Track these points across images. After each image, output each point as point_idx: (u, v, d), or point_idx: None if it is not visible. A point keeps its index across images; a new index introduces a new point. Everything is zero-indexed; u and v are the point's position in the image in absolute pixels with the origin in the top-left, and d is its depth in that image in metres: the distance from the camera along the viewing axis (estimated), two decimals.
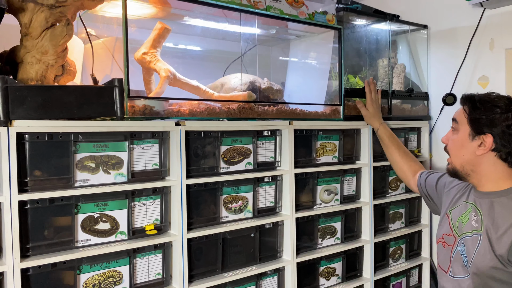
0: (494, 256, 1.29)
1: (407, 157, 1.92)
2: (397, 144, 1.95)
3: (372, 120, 2.01)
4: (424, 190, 1.75)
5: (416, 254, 2.43)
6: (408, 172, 1.88)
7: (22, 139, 1.26)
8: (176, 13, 1.78)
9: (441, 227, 1.54)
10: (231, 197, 1.69)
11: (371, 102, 2.01)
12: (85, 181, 1.37)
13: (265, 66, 2.19)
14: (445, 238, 1.49)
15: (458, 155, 1.42)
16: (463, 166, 1.41)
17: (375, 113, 2.01)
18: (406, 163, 1.90)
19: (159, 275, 1.53)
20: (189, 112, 1.59)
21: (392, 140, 1.95)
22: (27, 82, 1.31)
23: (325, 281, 1.99)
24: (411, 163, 1.90)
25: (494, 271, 1.29)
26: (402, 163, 1.91)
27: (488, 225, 1.34)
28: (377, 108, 2.02)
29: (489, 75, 2.21)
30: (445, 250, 1.48)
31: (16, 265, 1.22)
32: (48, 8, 1.31)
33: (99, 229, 1.40)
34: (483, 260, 1.31)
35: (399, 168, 1.93)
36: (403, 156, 1.92)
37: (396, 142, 1.96)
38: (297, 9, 1.84)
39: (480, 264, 1.32)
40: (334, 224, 2.02)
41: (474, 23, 2.23)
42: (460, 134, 1.41)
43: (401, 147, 1.96)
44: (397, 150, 1.93)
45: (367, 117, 2.02)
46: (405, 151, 1.95)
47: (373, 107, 2.01)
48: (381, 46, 2.33)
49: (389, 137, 1.96)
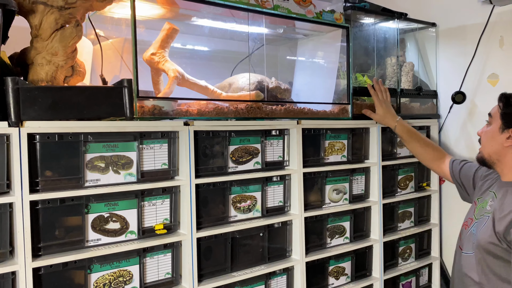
0: (494, 233, 1.47)
1: (428, 147, 1.99)
2: (417, 137, 2.01)
3: (386, 121, 2.02)
4: (457, 178, 1.86)
5: (425, 254, 2.42)
6: (434, 160, 1.97)
7: (33, 139, 1.27)
8: (184, 13, 1.79)
9: (468, 212, 1.70)
10: (239, 196, 1.69)
11: (380, 104, 2.01)
12: (95, 181, 1.38)
13: (272, 66, 2.19)
14: (468, 221, 1.67)
15: (487, 145, 1.58)
16: (490, 156, 1.58)
17: (387, 113, 2.01)
18: (430, 153, 1.98)
19: (169, 275, 1.54)
20: (198, 112, 1.59)
21: (411, 134, 2.00)
22: (38, 83, 1.33)
23: (334, 280, 1.99)
24: (434, 152, 1.98)
25: (491, 246, 1.48)
26: (426, 154, 1.98)
27: (496, 208, 1.51)
28: (388, 108, 2.02)
29: (499, 73, 2.19)
30: (465, 231, 1.65)
31: (28, 265, 1.23)
32: (57, 9, 1.32)
33: (109, 229, 1.41)
34: (484, 236, 1.50)
35: (424, 159, 2.01)
36: (425, 147, 1.99)
37: (416, 135, 2.01)
38: (305, 8, 1.84)
39: (482, 239, 1.51)
40: (343, 224, 2.01)
41: (483, 20, 2.21)
42: (492, 127, 1.58)
43: (421, 138, 2.01)
44: (418, 142, 1.99)
45: (380, 120, 2.03)
46: (426, 142, 2.02)
47: (382, 108, 2.01)
48: (389, 44, 2.32)
49: (408, 132, 2.00)
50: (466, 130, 2.35)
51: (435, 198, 2.43)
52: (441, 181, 2.46)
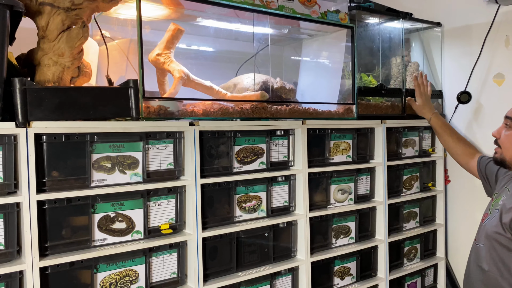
0: (500, 223, 1.54)
1: (460, 142, 2.05)
2: (450, 132, 2.07)
3: (423, 112, 2.14)
4: (483, 173, 1.91)
5: (431, 254, 2.41)
6: (463, 156, 2.02)
7: (40, 140, 1.28)
8: (189, 14, 1.80)
9: (486, 207, 1.74)
10: (244, 196, 1.69)
11: (420, 95, 2.14)
12: (102, 181, 1.39)
13: (277, 66, 2.20)
14: (484, 216, 1.70)
15: (510, 149, 1.60)
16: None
17: (425, 105, 2.13)
18: (460, 148, 2.03)
19: (175, 274, 1.54)
20: (203, 112, 1.60)
21: (444, 128, 2.08)
22: (44, 84, 1.33)
23: (340, 280, 1.98)
24: (465, 147, 2.03)
25: (497, 235, 1.54)
26: (457, 148, 2.04)
27: (505, 201, 1.57)
28: (427, 100, 2.14)
29: (504, 73, 2.18)
30: (481, 224, 1.69)
31: (35, 264, 1.24)
32: (64, 11, 1.33)
33: (115, 229, 1.42)
34: (491, 226, 1.57)
35: (454, 153, 2.06)
36: (457, 142, 2.05)
37: (449, 129, 2.08)
38: (310, 8, 1.84)
39: (489, 229, 1.58)
40: (348, 224, 2.01)
41: (488, 20, 2.20)
42: None
43: (454, 133, 2.08)
44: (450, 137, 2.06)
45: (417, 109, 2.15)
46: (459, 137, 2.08)
47: (421, 99, 2.14)
48: (394, 44, 2.32)
49: (441, 126, 2.08)
50: (471, 130, 2.34)
51: (441, 198, 2.42)
52: (446, 181, 2.45)
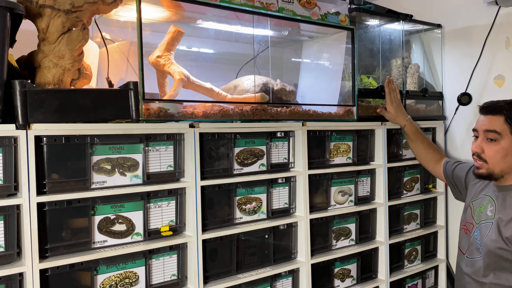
0: (501, 238, 1.50)
1: (430, 149, 2.04)
2: (422, 138, 2.05)
3: (397, 120, 2.06)
4: (450, 178, 1.91)
5: (432, 256, 2.41)
6: (431, 162, 2.02)
7: (40, 142, 1.28)
8: (189, 16, 1.80)
9: (465, 215, 1.73)
10: (245, 198, 1.69)
11: (391, 102, 2.04)
12: (102, 183, 1.39)
13: (277, 68, 2.20)
14: (467, 225, 1.69)
15: (500, 162, 1.55)
16: (502, 171, 1.56)
17: (397, 112, 2.04)
18: (430, 154, 2.02)
19: (175, 276, 1.54)
20: (203, 114, 1.60)
21: (417, 135, 2.04)
22: (45, 86, 1.34)
23: (340, 282, 1.98)
24: (434, 153, 2.03)
25: (501, 251, 1.50)
26: (427, 154, 2.03)
27: (499, 214, 1.54)
28: (398, 107, 2.06)
29: (505, 74, 2.18)
30: (466, 236, 1.68)
31: (35, 266, 1.24)
32: (64, 13, 1.33)
33: (116, 231, 1.42)
34: (492, 242, 1.52)
35: (423, 159, 2.05)
36: (427, 149, 2.03)
37: (421, 136, 2.05)
38: (310, 10, 1.84)
39: (490, 246, 1.52)
40: (348, 226, 2.01)
41: (489, 21, 2.20)
42: (503, 143, 1.53)
43: (425, 140, 2.05)
44: (422, 143, 2.04)
45: (391, 118, 2.06)
46: (429, 144, 2.06)
47: (393, 106, 2.04)
48: (394, 46, 2.32)
49: (415, 132, 2.04)
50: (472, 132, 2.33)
51: (441, 200, 2.42)
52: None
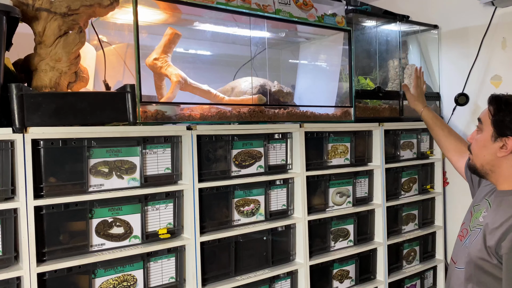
0: (484, 247, 1.33)
1: (451, 137, 1.94)
2: (441, 125, 1.99)
3: (416, 103, 2.07)
4: (469, 175, 1.76)
5: (430, 256, 2.41)
6: (454, 153, 1.90)
7: (37, 145, 1.28)
8: (186, 18, 1.80)
9: (465, 221, 1.58)
10: (243, 200, 1.69)
11: (416, 87, 2.08)
12: (99, 186, 1.39)
13: (275, 69, 2.20)
14: (463, 232, 1.54)
15: (479, 155, 1.42)
16: (482, 166, 1.42)
17: (419, 96, 2.07)
18: (452, 143, 1.92)
19: (173, 279, 1.54)
20: (200, 116, 1.60)
21: (435, 121, 1.99)
22: (41, 89, 1.33)
23: (339, 283, 1.98)
24: (457, 143, 1.91)
25: (481, 262, 1.33)
26: (448, 143, 1.93)
27: (488, 220, 1.38)
28: (421, 93, 2.09)
29: (502, 74, 2.19)
30: (460, 243, 1.52)
31: (33, 270, 1.24)
32: (61, 16, 1.33)
33: (113, 234, 1.41)
34: (475, 251, 1.36)
35: (445, 148, 1.96)
36: (448, 137, 1.94)
37: (440, 123, 2.00)
38: (307, 12, 1.85)
39: (472, 254, 1.37)
40: (346, 227, 2.01)
41: (485, 22, 2.21)
42: (483, 134, 1.41)
43: (445, 127, 1.99)
44: (442, 131, 1.96)
45: (411, 99, 2.09)
46: (450, 132, 1.98)
47: (417, 91, 2.08)
48: (391, 47, 2.32)
49: (432, 118, 2.00)
50: (469, 132, 2.33)
51: (439, 200, 2.42)
52: (445, 183, 2.45)
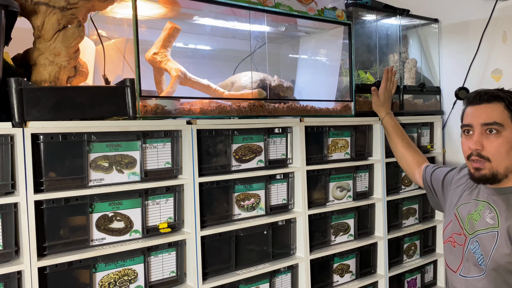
0: None
1: (410, 149, 1.90)
2: (401, 136, 1.93)
3: (380, 109, 2.01)
4: (429, 183, 1.73)
5: (430, 250, 2.41)
6: (411, 164, 1.87)
7: (37, 140, 1.27)
8: (185, 12, 1.79)
9: (451, 226, 1.49)
10: (243, 194, 1.69)
11: (384, 91, 2.01)
12: (99, 181, 1.39)
13: (275, 64, 2.19)
14: (454, 237, 1.46)
15: (505, 159, 1.32)
16: (507, 169, 1.33)
17: (384, 102, 2.00)
18: (410, 155, 1.88)
19: (174, 273, 1.54)
20: (200, 111, 1.59)
21: (396, 131, 1.94)
22: (41, 84, 1.33)
23: (339, 278, 1.98)
24: (414, 155, 1.88)
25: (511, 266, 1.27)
26: (406, 154, 1.89)
27: (509, 221, 1.30)
28: (388, 98, 2.01)
29: (502, 68, 2.18)
30: (455, 249, 1.44)
31: (34, 264, 1.24)
32: (59, 10, 1.33)
33: (114, 228, 1.42)
34: (502, 255, 1.29)
35: (403, 159, 1.92)
36: (406, 148, 1.90)
37: (401, 133, 1.94)
38: (306, 6, 1.84)
39: (500, 259, 1.29)
40: (347, 221, 2.01)
41: (486, 15, 2.20)
42: (505, 135, 1.31)
43: (405, 138, 1.94)
44: (401, 141, 1.92)
45: (376, 104, 2.02)
46: (409, 143, 1.93)
47: (384, 96, 2.00)
48: (391, 41, 2.32)
49: (394, 127, 1.95)
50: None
51: None
52: None
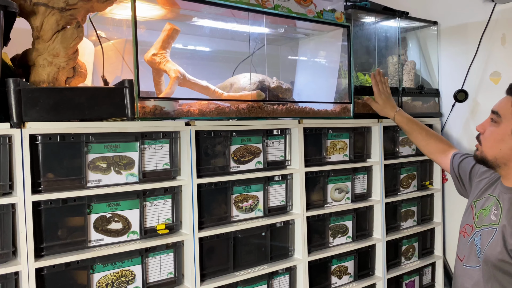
0: (505, 249, 1.31)
1: (431, 138, 1.86)
2: (418, 128, 1.88)
3: (386, 111, 1.97)
4: (456, 172, 1.72)
5: (429, 252, 2.41)
6: (436, 153, 1.83)
7: (35, 140, 1.27)
8: (184, 14, 1.79)
9: (465, 217, 1.55)
10: (241, 196, 1.69)
11: (379, 94, 1.97)
12: (97, 182, 1.38)
13: (274, 65, 2.19)
14: (466, 228, 1.51)
15: (493, 147, 1.38)
16: (496, 158, 1.38)
17: (386, 103, 1.96)
18: (433, 145, 1.84)
19: (171, 274, 1.54)
20: (199, 112, 1.59)
21: (411, 126, 1.89)
22: (39, 84, 1.33)
23: (337, 279, 1.98)
24: (436, 143, 1.84)
25: (502, 263, 1.32)
26: (429, 146, 1.85)
27: (505, 221, 1.35)
28: (388, 98, 1.97)
29: (501, 71, 2.19)
30: (464, 239, 1.50)
31: (31, 265, 1.24)
32: (58, 11, 1.33)
33: (112, 229, 1.41)
34: (494, 252, 1.34)
35: (427, 151, 1.88)
36: (427, 139, 1.86)
37: (416, 125, 1.89)
38: (305, 8, 1.84)
39: (491, 255, 1.35)
40: (345, 223, 2.01)
41: (485, 18, 2.20)
42: (501, 127, 1.36)
43: (423, 129, 1.88)
44: (420, 134, 1.87)
45: (379, 109, 1.99)
46: (428, 133, 1.88)
47: (381, 98, 1.97)
48: (390, 43, 2.32)
49: (407, 123, 1.90)
50: (468, 129, 2.34)
51: (438, 197, 2.42)
52: (444, 179, 2.45)
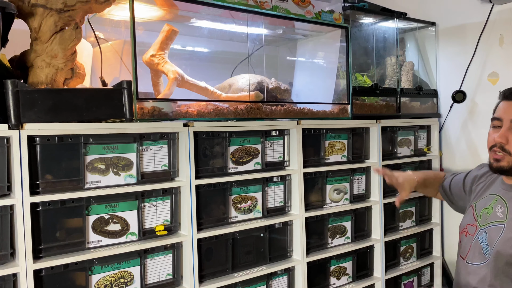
0: None
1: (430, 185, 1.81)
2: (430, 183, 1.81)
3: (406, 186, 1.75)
4: (448, 194, 1.73)
5: (427, 253, 2.42)
6: (437, 191, 1.83)
7: (33, 142, 1.27)
8: (183, 15, 1.79)
9: (466, 218, 1.58)
10: (240, 197, 1.69)
11: (396, 181, 1.75)
12: (96, 183, 1.38)
13: (272, 66, 2.20)
14: (468, 228, 1.54)
15: None
16: None
17: (404, 181, 1.74)
18: (435, 187, 1.81)
19: (170, 276, 1.54)
20: (197, 113, 1.59)
21: (426, 184, 1.80)
22: (37, 86, 1.33)
23: (336, 280, 1.98)
24: (434, 182, 1.81)
25: None
26: (434, 191, 1.83)
27: None
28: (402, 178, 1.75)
29: (499, 71, 2.19)
30: (466, 238, 1.53)
31: (29, 267, 1.23)
32: (57, 12, 1.33)
33: (110, 230, 1.41)
34: (505, 247, 1.36)
35: (434, 195, 1.86)
36: (430, 186, 1.81)
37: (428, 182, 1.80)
38: (304, 9, 1.84)
39: (502, 250, 1.37)
40: (344, 224, 2.01)
41: (483, 19, 2.21)
42: None
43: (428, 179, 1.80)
44: (431, 187, 1.82)
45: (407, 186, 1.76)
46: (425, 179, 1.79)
47: (398, 182, 1.75)
48: (389, 44, 2.32)
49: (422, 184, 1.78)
50: (466, 129, 2.34)
51: None
52: None
